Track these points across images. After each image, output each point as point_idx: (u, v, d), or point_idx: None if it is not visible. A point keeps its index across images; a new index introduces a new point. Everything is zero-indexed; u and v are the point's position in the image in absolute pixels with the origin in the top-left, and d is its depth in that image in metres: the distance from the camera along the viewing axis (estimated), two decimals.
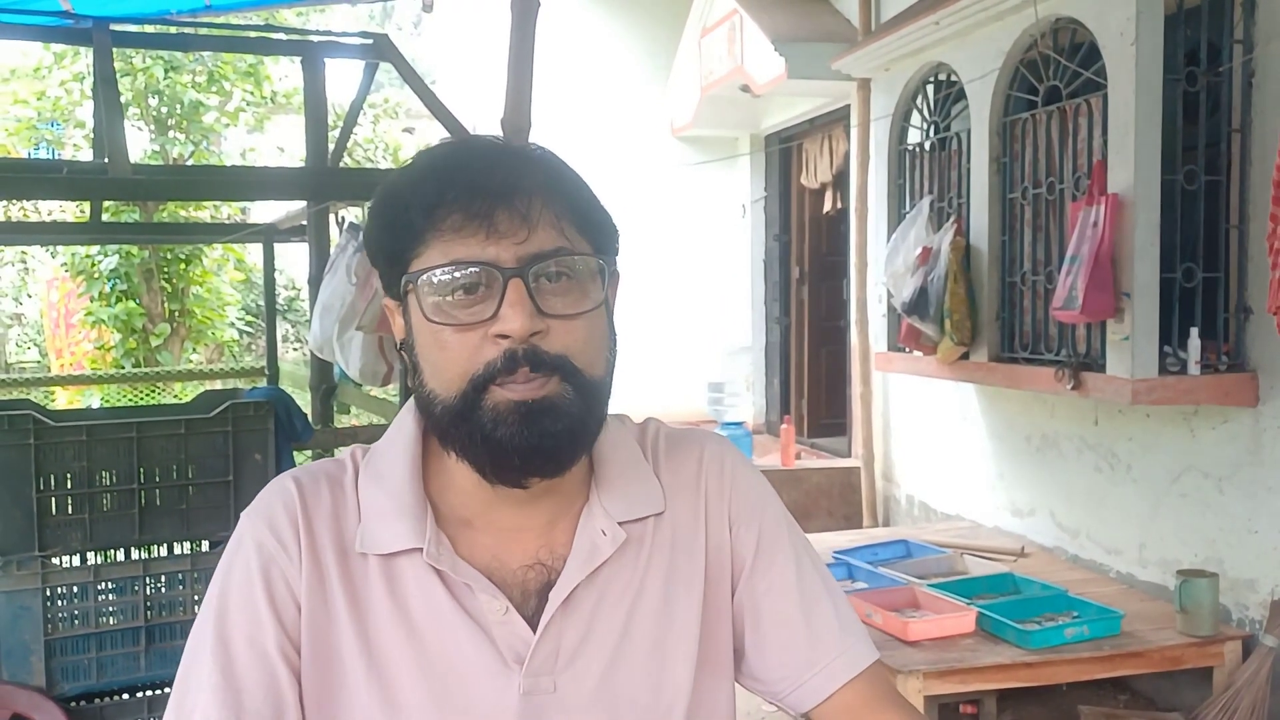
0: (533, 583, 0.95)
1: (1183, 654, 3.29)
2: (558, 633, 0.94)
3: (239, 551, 0.95)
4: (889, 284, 4.50)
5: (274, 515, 0.96)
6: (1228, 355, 3.39)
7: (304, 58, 3.76)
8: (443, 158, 0.91)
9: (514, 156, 0.91)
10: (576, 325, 0.89)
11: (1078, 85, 3.59)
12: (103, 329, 8.65)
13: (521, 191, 0.88)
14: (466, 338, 0.88)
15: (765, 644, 1.02)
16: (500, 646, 0.93)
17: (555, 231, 0.89)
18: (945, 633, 3.29)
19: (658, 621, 0.97)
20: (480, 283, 0.87)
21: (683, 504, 1.02)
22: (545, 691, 0.93)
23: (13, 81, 8.87)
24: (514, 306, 0.86)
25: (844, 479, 5.77)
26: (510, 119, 2.84)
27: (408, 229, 0.89)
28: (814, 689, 1.00)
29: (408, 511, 0.94)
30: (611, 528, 0.97)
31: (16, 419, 2.34)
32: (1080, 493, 4.18)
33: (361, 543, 0.94)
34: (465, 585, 0.93)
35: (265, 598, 0.93)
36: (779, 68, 5.69)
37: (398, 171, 0.94)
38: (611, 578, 0.97)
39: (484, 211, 0.87)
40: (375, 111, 11.59)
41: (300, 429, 2.72)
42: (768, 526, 1.04)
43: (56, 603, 2.39)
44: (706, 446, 1.06)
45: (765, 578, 1.02)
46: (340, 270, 3.51)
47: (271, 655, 0.91)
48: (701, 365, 7.53)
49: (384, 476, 0.97)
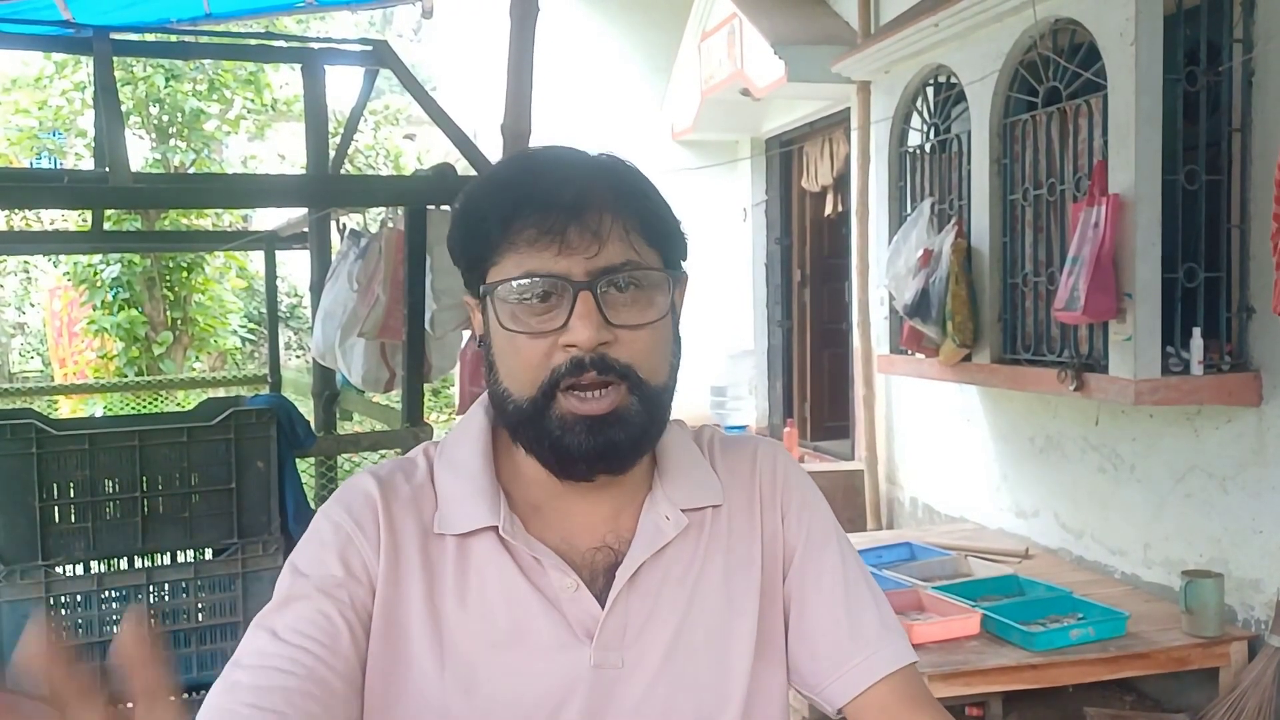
0: (600, 563, 0.99)
1: (1188, 655, 3.28)
2: (624, 609, 0.97)
3: (314, 534, 0.98)
4: (891, 286, 4.49)
5: (353, 504, 0.99)
6: (1230, 355, 3.39)
7: (304, 64, 3.76)
8: (519, 170, 0.96)
9: (586, 170, 0.95)
10: (642, 335, 0.94)
11: (1078, 86, 3.59)
12: (105, 337, 8.66)
13: (592, 207, 0.92)
14: (538, 344, 0.93)
15: (807, 634, 1.04)
16: (571, 621, 0.96)
17: (624, 245, 0.93)
18: (950, 635, 3.29)
19: (718, 606, 1.01)
20: (552, 292, 0.92)
21: (739, 498, 1.07)
22: (614, 665, 0.96)
23: (14, 91, 8.88)
24: (583, 318, 0.91)
25: (847, 482, 5.76)
26: (510, 124, 2.84)
27: (485, 239, 0.94)
28: (851, 682, 1.02)
29: (483, 494, 0.99)
30: (674, 513, 1.02)
31: (19, 428, 2.34)
32: (1084, 494, 4.17)
33: (440, 524, 0.99)
34: (536, 561, 0.97)
35: (340, 566, 0.95)
36: (779, 71, 5.69)
37: (476, 181, 1.00)
38: (674, 559, 1.01)
39: (557, 227, 0.91)
40: (376, 118, 11.61)
41: (302, 436, 2.72)
42: (817, 522, 1.08)
43: (60, 611, 2.39)
44: (760, 446, 1.11)
45: (812, 569, 1.06)
46: (342, 277, 3.51)
47: (333, 617, 0.92)
48: (704, 369, 7.53)
49: (458, 465, 1.02)
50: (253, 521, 2.53)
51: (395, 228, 3.28)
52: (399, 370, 3.31)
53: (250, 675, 0.88)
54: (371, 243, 3.34)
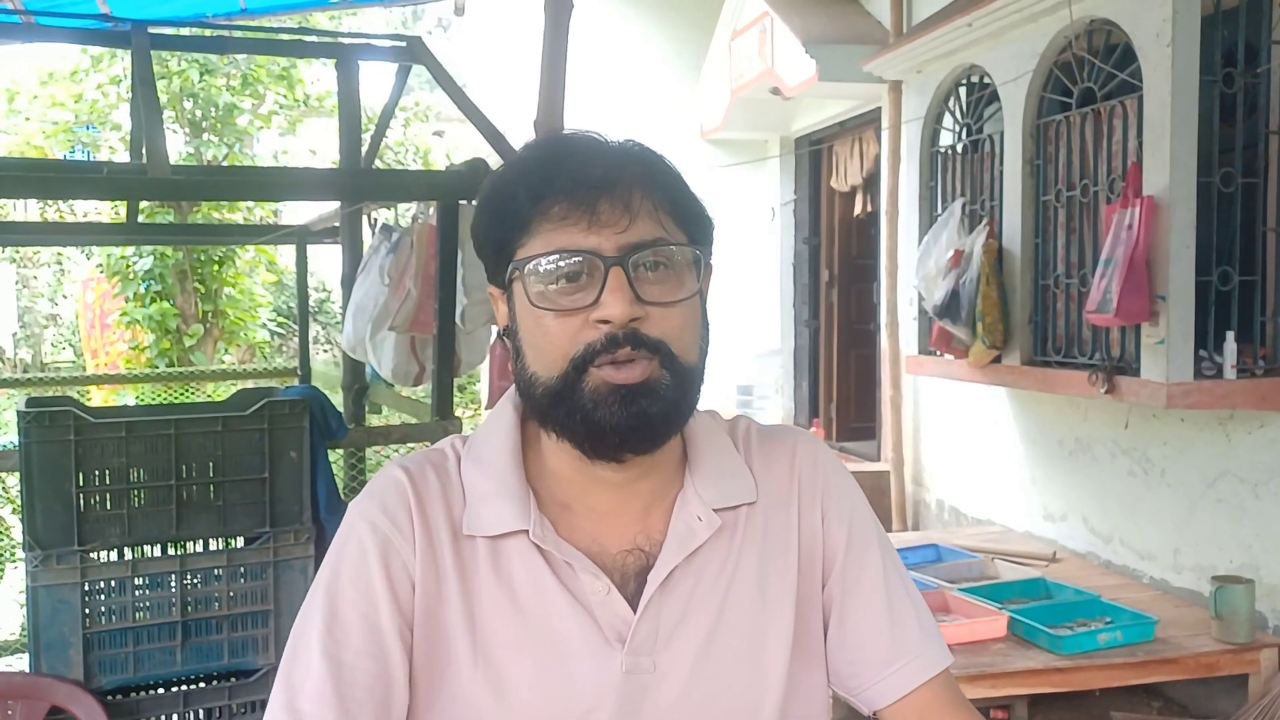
0: (631, 566, 0.98)
1: (1218, 661, 3.25)
2: (656, 613, 0.96)
3: (352, 534, 0.99)
4: (920, 287, 4.48)
5: (387, 499, 0.99)
6: (1264, 359, 3.35)
7: (337, 60, 3.79)
8: (549, 150, 0.96)
9: (615, 150, 0.95)
10: (673, 313, 0.93)
11: (1112, 87, 3.56)
12: (137, 329, 8.74)
13: (622, 183, 0.92)
14: (568, 322, 0.91)
15: (847, 638, 1.04)
16: (602, 625, 0.96)
17: (654, 222, 0.93)
18: (976, 637, 3.27)
19: (752, 607, 1.00)
20: (583, 271, 0.91)
21: (775, 495, 1.05)
22: (645, 670, 0.95)
23: (50, 85, 8.97)
24: (615, 293, 0.90)
25: (874, 483, 5.74)
26: (543, 121, 2.85)
27: (514, 218, 0.93)
28: (891, 686, 1.02)
29: (511, 494, 0.98)
30: (706, 514, 1.00)
31: (57, 415, 2.37)
32: (1113, 497, 4.14)
33: (468, 525, 0.98)
34: (568, 565, 0.96)
35: (381, 574, 0.96)
36: (810, 70, 5.68)
37: (504, 165, 0.99)
38: (707, 562, 0.99)
39: (587, 201, 0.91)
40: (406, 115, 11.65)
41: (335, 427, 2.74)
42: (858, 523, 1.06)
43: (95, 597, 2.42)
44: (800, 441, 1.09)
45: (854, 573, 1.04)
46: (373, 271, 3.53)
47: (385, 630, 0.94)
48: (731, 368, 7.52)
49: (486, 462, 1.01)
50: (285, 511, 2.55)
51: (427, 222, 3.30)
52: (429, 364, 3.33)
53: (314, 705, 0.91)
54: (403, 237, 3.36)
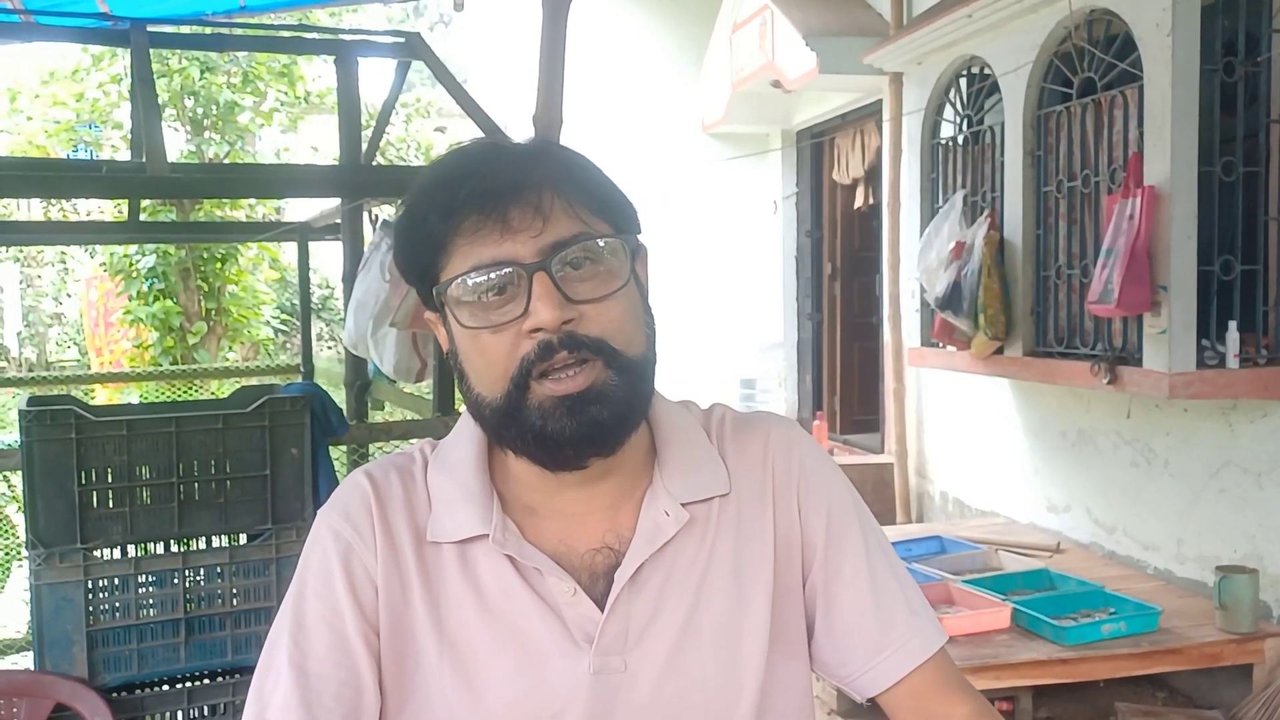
0: (600, 565, 0.97)
1: (1222, 651, 3.26)
2: (625, 612, 0.95)
3: (316, 542, 0.99)
4: (922, 279, 4.47)
5: (349, 506, 0.99)
6: (1267, 348, 3.35)
7: (338, 56, 3.79)
8: (450, 165, 0.93)
9: (519, 152, 0.93)
10: (609, 306, 0.91)
11: (1113, 77, 3.55)
12: (141, 327, 8.74)
13: (530, 185, 0.89)
14: (502, 338, 0.90)
15: (835, 629, 1.02)
16: (570, 626, 0.95)
17: (571, 219, 0.90)
18: (980, 629, 3.28)
19: (727, 601, 0.98)
20: (508, 282, 0.89)
21: (749, 485, 1.02)
22: (615, 670, 0.94)
23: (52, 84, 8.97)
24: (542, 299, 0.87)
25: (877, 475, 5.74)
26: (542, 116, 2.85)
27: (429, 240, 0.92)
28: (884, 673, 1.01)
29: (474, 499, 0.97)
30: (674, 508, 0.98)
31: (58, 413, 2.37)
32: (1117, 488, 4.14)
33: (432, 531, 0.98)
34: (535, 569, 0.96)
35: (344, 583, 0.96)
36: (810, 63, 5.67)
37: (410, 191, 0.96)
38: (677, 557, 0.98)
39: (497, 209, 0.89)
40: (407, 111, 11.64)
41: (336, 424, 2.74)
42: (836, 509, 1.04)
43: (98, 595, 2.42)
44: (773, 428, 1.06)
45: (835, 561, 1.02)
46: (374, 267, 3.53)
47: (350, 637, 0.95)
48: (734, 361, 7.52)
49: (451, 467, 1.00)
50: (287, 507, 2.55)
51: None
52: (430, 360, 3.33)
53: (281, 715, 0.92)
54: None
